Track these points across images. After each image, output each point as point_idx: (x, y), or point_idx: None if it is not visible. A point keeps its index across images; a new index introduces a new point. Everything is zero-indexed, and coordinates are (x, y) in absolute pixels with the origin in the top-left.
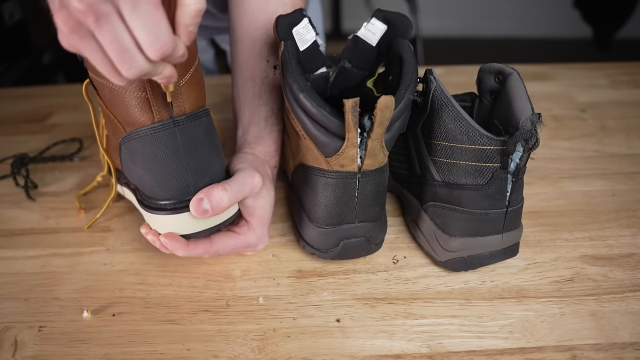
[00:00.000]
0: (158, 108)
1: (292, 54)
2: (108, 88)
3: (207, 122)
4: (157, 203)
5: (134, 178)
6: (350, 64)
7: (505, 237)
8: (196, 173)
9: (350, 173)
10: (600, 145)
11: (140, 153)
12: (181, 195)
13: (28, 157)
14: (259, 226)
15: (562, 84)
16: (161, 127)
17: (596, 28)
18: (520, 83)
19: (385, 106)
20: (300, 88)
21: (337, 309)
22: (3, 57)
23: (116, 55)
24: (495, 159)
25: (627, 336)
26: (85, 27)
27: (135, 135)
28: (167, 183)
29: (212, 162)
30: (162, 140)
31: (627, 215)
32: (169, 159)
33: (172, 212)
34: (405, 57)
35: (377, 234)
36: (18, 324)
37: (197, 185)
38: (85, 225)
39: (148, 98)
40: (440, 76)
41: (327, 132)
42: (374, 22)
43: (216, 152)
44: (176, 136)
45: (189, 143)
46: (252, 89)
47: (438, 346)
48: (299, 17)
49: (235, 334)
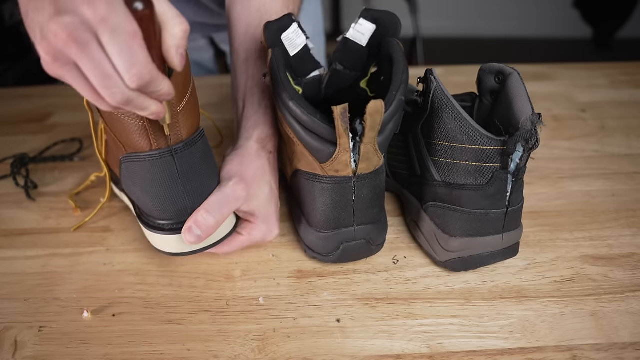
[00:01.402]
0: (155, 136)
1: (280, 62)
2: (107, 113)
3: (203, 145)
4: (156, 222)
5: (133, 196)
6: (342, 66)
7: (506, 237)
8: (193, 196)
9: (346, 178)
10: (600, 145)
11: (139, 176)
12: (179, 217)
13: (28, 157)
14: (262, 223)
15: (562, 84)
16: (159, 155)
17: (596, 28)
18: (520, 83)
19: (375, 111)
20: (289, 96)
21: (338, 309)
22: (3, 57)
23: (98, 82)
24: (496, 159)
25: (627, 336)
26: (66, 56)
27: (135, 159)
28: (165, 206)
29: (208, 184)
30: (160, 167)
31: (627, 215)
32: (167, 185)
33: (169, 233)
34: (395, 57)
35: (377, 235)
36: (18, 324)
37: (194, 207)
38: (72, 227)
39: (145, 126)
40: (441, 76)
41: (319, 139)
42: (362, 23)
43: (212, 173)
44: (174, 164)
45: (186, 169)
46: (245, 71)
47: (438, 346)
48: (288, 22)
49: (236, 334)
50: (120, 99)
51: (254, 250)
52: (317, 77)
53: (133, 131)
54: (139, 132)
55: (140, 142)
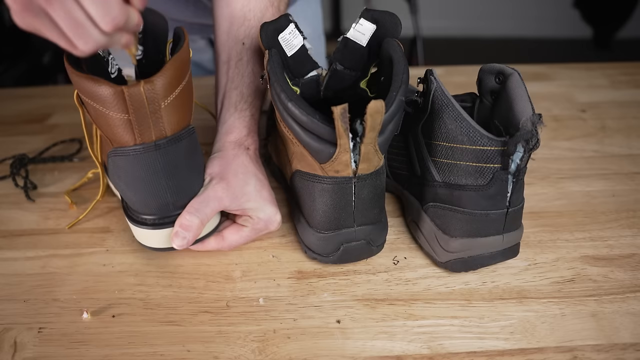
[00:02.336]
0: (140, 130)
1: (277, 62)
2: (92, 107)
3: (189, 143)
4: (140, 217)
5: (119, 190)
6: (342, 66)
7: (506, 238)
8: (175, 193)
9: (346, 178)
10: (601, 145)
11: (123, 170)
12: (161, 212)
13: (27, 158)
14: (260, 213)
15: (562, 84)
16: (142, 150)
17: (596, 28)
18: (520, 83)
19: (375, 111)
20: (288, 97)
21: (338, 310)
22: (3, 57)
23: (71, 31)
24: (496, 160)
25: (628, 337)
26: (37, 4)
27: (120, 153)
28: (147, 201)
29: (191, 182)
30: (143, 162)
31: (628, 215)
32: (149, 180)
33: (152, 228)
34: (395, 58)
35: (377, 236)
36: (18, 325)
37: (176, 204)
38: (67, 225)
39: (130, 120)
40: (441, 76)
41: (319, 139)
42: (362, 23)
43: (197, 171)
44: (157, 159)
45: (169, 165)
46: (226, 73)
47: (439, 347)
48: (285, 23)
49: (236, 335)
50: (94, 46)
51: (254, 250)
52: (314, 78)
53: (117, 125)
54: (123, 126)
55: (125, 137)
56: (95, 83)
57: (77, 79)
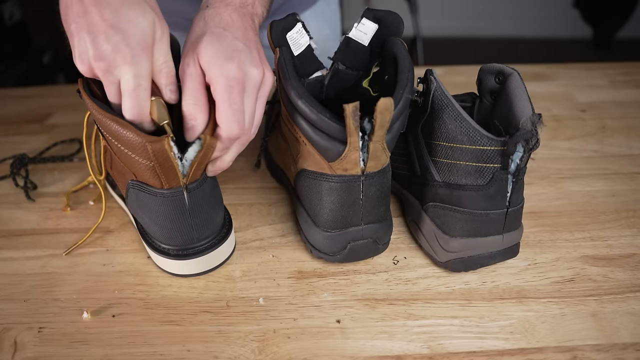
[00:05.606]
0: (166, 178)
1: (288, 60)
2: (115, 145)
3: (212, 178)
4: (160, 246)
5: (140, 219)
6: (344, 66)
7: (506, 238)
8: (200, 228)
9: (354, 176)
10: (600, 145)
11: (148, 207)
12: (184, 244)
13: (28, 158)
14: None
15: (562, 84)
16: (171, 194)
17: (596, 28)
18: (520, 83)
19: (384, 108)
20: (298, 95)
21: (338, 310)
22: (3, 57)
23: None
24: (496, 160)
25: (627, 337)
26: (96, 74)
27: (144, 190)
28: (172, 236)
29: (215, 215)
30: (170, 203)
31: (628, 215)
32: (176, 219)
33: (174, 258)
34: (399, 56)
35: (383, 234)
36: (18, 325)
37: (200, 237)
38: (63, 252)
39: (154, 167)
40: (441, 76)
41: (328, 138)
42: (364, 22)
43: (218, 205)
44: (184, 201)
45: (196, 205)
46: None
47: (439, 347)
48: (293, 22)
49: (236, 334)
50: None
51: (254, 250)
52: (319, 78)
53: (142, 168)
54: (149, 171)
55: (151, 180)
56: (121, 126)
57: (101, 118)
